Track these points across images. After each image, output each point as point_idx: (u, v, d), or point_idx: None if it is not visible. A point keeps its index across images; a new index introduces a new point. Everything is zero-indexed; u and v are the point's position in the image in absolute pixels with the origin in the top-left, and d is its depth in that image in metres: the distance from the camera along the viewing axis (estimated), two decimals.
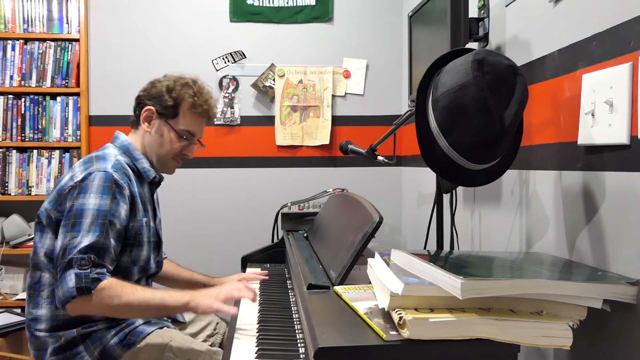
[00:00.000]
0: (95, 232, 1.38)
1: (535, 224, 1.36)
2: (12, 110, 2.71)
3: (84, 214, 1.39)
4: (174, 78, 1.64)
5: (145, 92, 1.63)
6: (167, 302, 1.39)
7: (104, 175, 1.45)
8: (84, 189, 1.42)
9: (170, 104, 1.59)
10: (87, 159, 1.52)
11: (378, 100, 2.90)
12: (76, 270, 1.33)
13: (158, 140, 1.62)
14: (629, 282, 0.93)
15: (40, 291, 1.48)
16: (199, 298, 1.40)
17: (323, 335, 0.92)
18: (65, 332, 1.45)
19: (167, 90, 1.60)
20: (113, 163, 1.50)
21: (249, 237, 2.68)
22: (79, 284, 1.32)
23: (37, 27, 2.74)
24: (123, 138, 1.63)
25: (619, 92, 0.98)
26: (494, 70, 1.03)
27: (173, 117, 1.61)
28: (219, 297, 1.39)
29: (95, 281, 1.34)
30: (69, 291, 1.32)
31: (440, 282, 0.91)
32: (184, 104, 1.61)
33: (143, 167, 1.61)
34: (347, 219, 1.63)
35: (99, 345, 1.45)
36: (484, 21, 1.57)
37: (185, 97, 1.60)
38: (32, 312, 1.49)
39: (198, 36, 2.83)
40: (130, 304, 1.36)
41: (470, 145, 1.06)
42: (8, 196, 2.70)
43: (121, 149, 1.60)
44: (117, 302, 1.35)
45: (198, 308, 1.39)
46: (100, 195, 1.42)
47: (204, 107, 1.64)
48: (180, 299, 1.40)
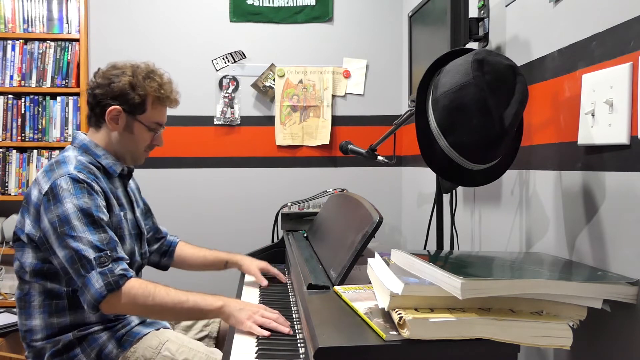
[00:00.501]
0: (90, 230, 1.36)
1: (535, 224, 1.36)
2: (12, 110, 2.71)
3: (69, 219, 1.36)
4: (129, 70, 1.55)
5: (103, 89, 1.53)
6: (200, 306, 1.38)
7: (69, 177, 1.40)
8: (57, 198, 1.38)
9: (137, 101, 1.53)
10: (47, 167, 1.47)
11: (378, 100, 2.90)
12: (98, 270, 1.32)
13: (129, 137, 1.57)
14: (629, 282, 0.93)
15: (30, 302, 1.46)
16: (234, 307, 1.37)
17: (323, 335, 0.92)
18: (62, 336, 1.44)
19: (130, 87, 1.52)
20: (75, 165, 1.45)
21: (249, 237, 2.68)
22: (106, 280, 1.32)
23: (37, 27, 2.74)
24: (81, 137, 1.57)
25: (619, 92, 0.98)
26: (494, 70, 1.03)
27: (141, 113, 1.55)
28: (254, 319, 1.33)
29: (122, 277, 1.34)
30: (97, 292, 1.31)
31: (440, 282, 0.91)
32: (150, 98, 1.55)
33: (107, 163, 1.55)
34: (347, 219, 1.63)
35: (95, 347, 1.44)
36: (484, 21, 1.57)
37: (150, 92, 1.54)
38: (26, 324, 1.47)
39: (198, 36, 2.83)
40: (164, 305, 1.36)
41: (470, 145, 1.06)
42: (8, 196, 2.71)
43: (80, 149, 1.54)
44: (151, 303, 1.34)
45: (230, 317, 1.35)
46: (76, 196, 1.38)
47: (170, 97, 1.60)
48: (214, 303, 1.38)
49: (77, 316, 1.45)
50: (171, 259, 1.90)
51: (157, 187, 2.77)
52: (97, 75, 1.58)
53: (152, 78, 1.55)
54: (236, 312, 1.35)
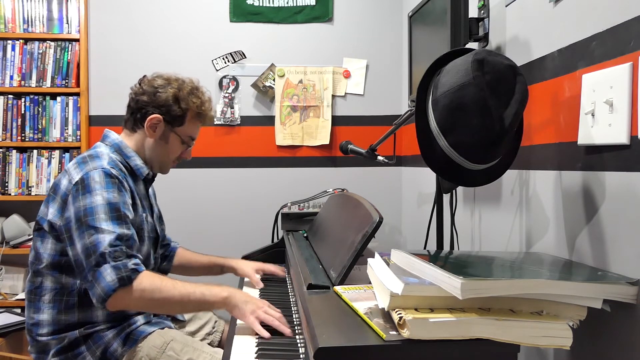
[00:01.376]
0: (114, 224, 1.38)
1: (535, 224, 1.36)
2: (12, 110, 2.71)
3: (95, 211, 1.38)
4: (176, 84, 1.61)
5: (148, 97, 1.59)
6: (206, 297, 1.39)
7: (103, 171, 1.44)
8: (87, 189, 1.41)
9: (178, 114, 1.60)
10: (80, 160, 1.51)
11: (378, 100, 2.90)
12: (112, 263, 1.33)
13: (163, 146, 1.63)
14: (629, 282, 0.93)
15: (41, 296, 1.47)
16: (239, 298, 1.39)
17: (323, 335, 0.92)
18: (68, 333, 1.45)
19: (174, 100, 1.59)
20: (107, 160, 1.50)
21: (249, 237, 2.68)
22: (119, 274, 1.32)
23: (37, 27, 2.74)
24: (114, 136, 1.61)
25: (619, 92, 0.98)
26: (494, 70, 1.03)
27: (179, 125, 1.62)
28: (257, 314, 1.34)
29: (134, 272, 1.34)
30: (108, 285, 1.32)
31: (440, 282, 0.91)
32: (190, 113, 1.62)
33: (136, 165, 1.60)
34: (347, 219, 1.63)
35: (100, 345, 1.45)
36: (484, 21, 1.57)
37: (192, 107, 1.61)
38: (34, 317, 1.48)
39: (198, 36, 2.83)
40: (172, 298, 1.37)
41: (470, 145, 1.06)
42: (8, 196, 2.70)
43: (112, 148, 1.58)
44: (158, 296, 1.35)
45: (235, 308, 1.37)
46: (106, 190, 1.41)
47: (209, 115, 1.68)
48: (219, 294, 1.40)
49: (85, 314, 1.46)
50: (170, 264, 1.93)
51: (157, 187, 2.76)
52: (142, 82, 1.63)
53: (195, 94, 1.63)
54: (241, 303, 1.37)
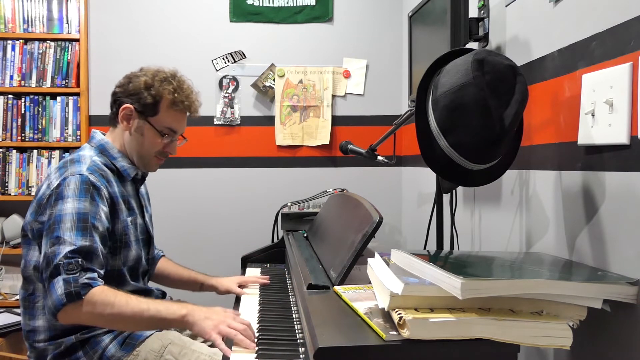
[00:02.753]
0: (77, 235, 1.33)
1: (535, 224, 1.36)
2: (12, 110, 2.71)
3: (62, 219, 1.34)
4: (151, 72, 1.55)
5: (122, 88, 1.55)
6: (162, 314, 1.32)
7: (79, 178, 1.40)
8: (60, 195, 1.38)
9: (149, 102, 1.52)
10: (62, 164, 1.47)
11: (378, 100, 2.90)
12: (64, 276, 1.28)
13: (138, 139, 1.56)
14: (629, 282, 0.93)
15: (35, 302, 1.45)
16: (198, 316, 1.31)
17: (323, 335, 0.92)
18: (65, 338, 1.43)
19: (145, 87, 1.52)
20: (88, 165, 1.45)
21: (249, 237, 2.68)
22: (68, 289, 1.27)
23: (37, 27, 2.74)
24: (99, 137, 1.58)
25: (619, 92, 0.98)
26: (494, 70, 1.03)
27: (153, 115, 1.54)
28: (220, 329, 1.27)
29: (85, 287, 1.28)
30: (58, 299, 1.27)
31: (440, 282, 0.91)
32: (164, 101, 1.54)
33: (122, 166, 1.56)
34: (347, 219, 1.63)
35: (98, 350, 1.44)
36: (484, 21, 1.57)
37: (164, 94, 1.53)
38: (29, 324, 1.46)
39: (198, 36, 2.83)
40: (123, 314, 1.30)
41: (470, 145, 1.06)
42: (8, 196, 2.70)
43: (97, 149, 1.55)
44: (109, 312, 1.28)
45: (194, 326, 1.30)
46: (78, 199, 1.37)
47: (185, 103, 1.57)
48: (177, 312, 1.32)
49: None
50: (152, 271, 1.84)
51: (157, 187, 2.75)
52: (124, 76, 1.59)
53: (169, 81, 1.54)
54: (200, 321, 1.30)
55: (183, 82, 1.58)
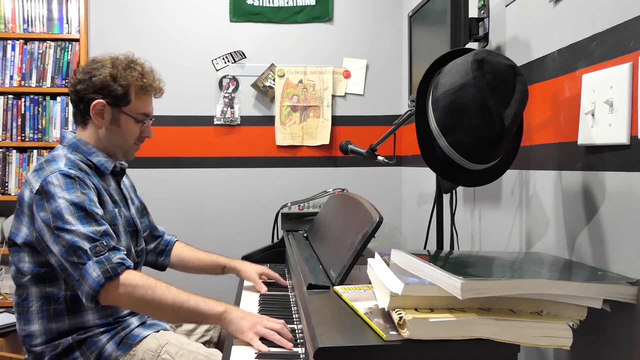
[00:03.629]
0: (83, 223, 1.34)
1: (535, 224, 1.36)
2: (12, 110, 2.71)
3: (62, 214, 1.34)
4: (109, 62, 1.54)
5: (84, 84, 1.51)
6: (201, 308, 1.32)
7: (60, 174, 1.39)
8: (48, 194, 1.37)
9: (120, 92, 1.51)
10: (37, 167, 1.46)
11: (378, 100, 2.90)
12: (95, 259, 1.29)
13: (116, 131, 1.55)
14: (629, 282, 0.93)
15: (29, 307, 1.45)
16: (235, 314, 1.31)
17: (323, 335, 0.92)
18: (61, 340, 1.43)
19: (112, 79, 1.50)
20: (65, 162, 1.44)
21: (249, 237, 2.68)
22: (103, 268, 1.28)
23: (37, 27, 2.74)
24: (70, 136, 1.56)
25: (619, 92, 0.98)
26: (494, 70, 1.03)
27: (126, 105, 1.53)
28: (256, 329, 1.26)
29: (120, 265, 1.30)
30: (95, 281, 1.28)
31: (440, 282, 0.91)
32: (133, 88, 1.53)
33: (98, 160, 1.53)
34: (347, 219, 1.63)
35: (95, 350, 1.43)
36: (484, 21, 1.57)
37: (132, 81, 1.52)
38: (25, 329, 1.46)
39: (198, 36, 2.83)
40: (164, 301, 1.31)
41: (470, 145, 1.06)
42: (8, 196, 2.70)
43: (70, 147, 1.53)
44: (150, 296, 1.30)
45: (231, 324, 1.29)
46: (68, 191, 1.37)
47: (153, 85, 1.58)
48: (215, 308, 1.32)
49: (75, 320, 1.44)
50: (168, 258, 1.87)
51: (157, 187, 2.77)
52: (77, 71, 1.57)
53: (132, 68, 1.54)
54: (238, 319, 1.30)
55: (143, 65, 1.59)
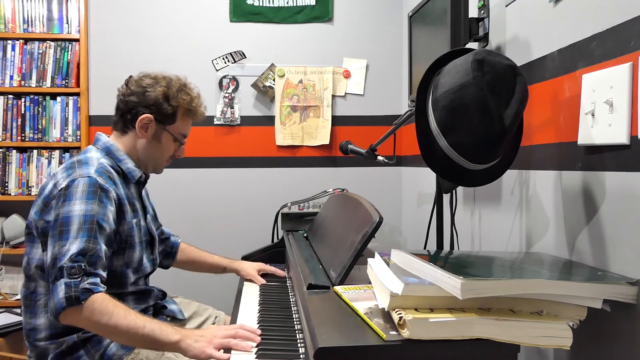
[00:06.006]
0: (83, 237, 1.34)
1: (535, 224, 1.36)
2: (12, 110, 2.71)
3: (70, 221, 1.36)
4: (165, 82, 1.60)
5: (137, 97, 1.58)
6: (156, 335, 1.30)
7: (88, 180, 1.41)
8: (68, 197, 1.39)
9: (169, 112, 1.59)
10: (69, 165, 1.48)
11: (378, 100, 2.90)
12: (66, 280, 1.29)
13: (156, 146, 1.61)
14: (629, 282, 0.93)
15: (36, 301, 1.45)
16: (191, 339, 1.30)
17: (323, 335, 0.92)
18: (66, 337, 1.43)
19: (164, 98, 1.57)
20: (96, 167, 1.47)
21: (249, 237, 2.68)
22: (68, 293, 1.28)
23: (37, 27, 2.74)
24: (104, 139, 1.60)
25: (619, 92, 0.98)
26: (494, 70, 1.03)
27: (171, 124, 1.61)
28: (212, 342, 1.28)
29: (86, 292, 1.29)
30: (58, 302, 1.28)
31: (440, 282, 0.91)
32: (181, 110, 1.61)
33: (127, 168, 1.58)
34: (347, 219, 1.63)
35: (99, 349, 1.44)
36: (484, 21, 1.57)
37: (182, 104, 1.60)
38: (30, 322, 1.46)
39: (198, 36, 2.83)
40: (120, 327, 1.29)
41: (470, 145, 1.06)
42: (8, 196, 2.70)
43: (103, 151, 1.57)
44: (105, 321, 1.29)
45: (188, 351, 1.29)
46: (86, 201, 1.38)
47: (199, 111, 1.66)
48: (170, 337, 1.30)
49: None
50: (173, 260, 1.93)
51: (157, 187, 2.75)
52: (129, 82, 1.61)
53: (184, 91, 1.62)
54: (193, 343, 1.29)
55: (193, 90, 1.66)
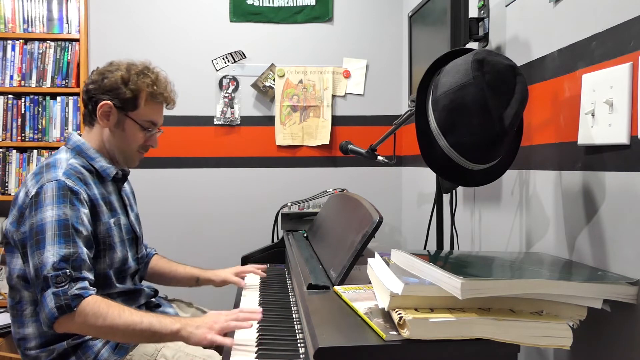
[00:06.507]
0: (60, 243, 1.31)
1: (535, 224, 1.36)
2: (12, 110, 2.71)
3: (44, 229, 1.32)
4: (125, 66, 1.53)
5: (95, 84, 1.51)
6: (155, 328, 1.29)
7: (57, 184, 1.37)
8: (39, 204, 1.35)
9: (128, 96, 1.50)
10: (37, 170, 1.44)
11: (378, 100, 2.90)
12: (53, 289, 1.26)
13: (120, 135, 1.53)
14: (629, 282, 0.93)
15: (22, 311, 1.43)
16: (192, 327, 1.30)
17: (323, 335, 0.92)
18: (56, 345, 1.41)
19: (122, 82, 1.49)
20: (64, 169, 1.41)
21: (249, 237, 2.68)
22: (58, 302, 1.26)
23: (37, 27, 2.74)
24: (75, 138, 1.54)
25: (619, 92, 0.98)
26: (494, 70, 1.03)
27: (133, 110, 1.52)
28: (214, 328, 1.29)
29: (76, 298, 1.27)
30: (50, 312, 1.26)
31: (440, 282, 0.91)
32: (143, 94, 1.52)
33: (101, 166, 1.52)
34: (347, 219, 1.63)
35: (90, 355, 1.42)
36: (484, 21, 1.57)
37: (143, 87, 1.51)
38: (19, 332, 1.44)
39: (198, 36, 2.83)
40: (116, 327, 1.28)
41: (470, 145, 1.06)
42: (8, 196, 2.70)
43: (74, 151, 1.51)
44: (101, 323, 1.27)
45: (190, 338, 1.29)
46: (57, 205, 1.35)
47: (164, 94, 1.56)
48: (170, 326, 1.30)
49: None
50: (144, 272, 1.83)
51: (156, 187, 2.77)
52: (93, 72, 1.56)
53: (145, 74, 1.53)
54: (194, 330, 1.29)
55: (158, 73, 1.58)
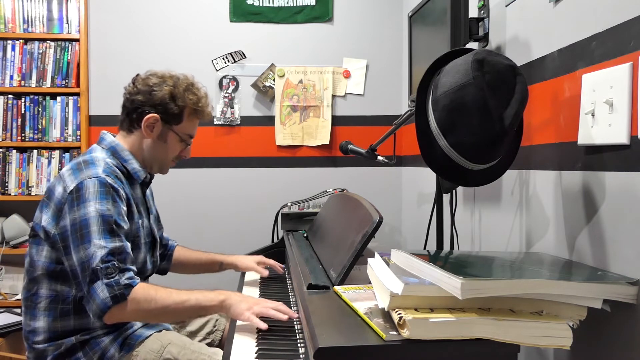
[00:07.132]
0: (106, 238, 1.35)
1: (535, 224, 1.36)
2: (12, 110, 2.71)
3: (89, 224, 1.36)
4: (172, 81, 1.58)
5: (143, 96, 1.56)
6: (202, 303, 1.39)
7: (97, 180, 1.40)
8: (81, 199, 1.38)
9: (176, 112, 1.57)
10: (74, 166, 1.47)
11: (378, 100, 2.90)
12: (105, 280, 1.32)
13: (161, 146, 1.60)
14: (629, 282, 0.94)
15: (37, 303, 1.45)
16: (234, 299, 1.39)
17: (323, 335, 0.92)
18: (64, 340, 1.43)
19: (171, 98, 1.56)
20: (103, 167, 1.45)
21: (249, 237, 2.68)
22: (112, 292, 1.31)
23: (37, 27, 2.74)
24: (110, 139, 1.58)
25: (619, 92, 0.98)
26: (494, 70, 1.03)
27: (177, 124, 1.59)
28: (253, 310, 1.36)
29: (128, 287, 1.33)
30: (103, 302, 1.31)
31: (440, 282, 0.91)
32: (187, 110, 1.59)
33: (133, 168, 1.57)
34: (347, 219, 1.63)
35: (97, 351, 1.44)
36: (484, 21, 1.57)
37: (189, 104, 1.59)
38: (30, 324, 1.45)
39: (198, 36, 2.83)
40: (167, 307, 1.36)
41: (470, 145, 1.06)
42: (8, 196, 2.70)
43: (109, 151, 1.55)
44: (153, 306, 1.34)
45: (231, 309, 1.38)
46: (100, 201, 1.38)
47: (206, 111, 1.65)
48: (215, 298, 1.39)
49: (81, 321, 1.44)
50: (169, 263, 1.92)
51: (157, 187, 2.75)
52: (136, 81, 1.59)
53: (191, 91, 1.60)
54: (237, 303, 1.38)
55: (201, 90, 1.65)
